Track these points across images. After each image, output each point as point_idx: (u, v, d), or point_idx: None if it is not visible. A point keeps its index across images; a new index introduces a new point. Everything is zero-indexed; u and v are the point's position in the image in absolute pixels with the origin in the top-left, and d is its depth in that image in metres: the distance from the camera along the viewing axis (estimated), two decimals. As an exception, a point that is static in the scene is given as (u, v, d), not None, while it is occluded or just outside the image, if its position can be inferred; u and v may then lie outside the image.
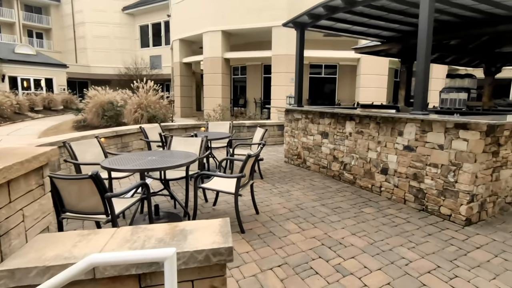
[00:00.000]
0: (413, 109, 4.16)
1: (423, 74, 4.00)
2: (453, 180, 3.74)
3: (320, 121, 5.77)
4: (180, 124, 7.87)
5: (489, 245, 3.19)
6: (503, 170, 3.98)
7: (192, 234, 1.71)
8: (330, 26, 6.54)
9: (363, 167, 4.94)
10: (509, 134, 3.93)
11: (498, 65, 10.22)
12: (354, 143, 5.09)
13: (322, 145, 5.75)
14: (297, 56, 6.26)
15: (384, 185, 4.61)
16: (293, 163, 6.58)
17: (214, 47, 15.19)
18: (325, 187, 5.00)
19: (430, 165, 3.99)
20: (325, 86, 18.54)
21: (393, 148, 4.46)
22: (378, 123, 4.65)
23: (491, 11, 5.45)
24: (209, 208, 3.98)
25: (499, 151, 3.87)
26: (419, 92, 4.07)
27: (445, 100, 7.81)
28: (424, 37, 3.96)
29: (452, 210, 3.77)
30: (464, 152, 3.62)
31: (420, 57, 4.03)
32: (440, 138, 3.86)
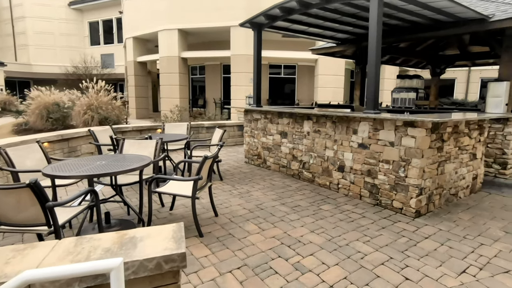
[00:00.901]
0: (366, 109, 4.37)
1: (374, 75, 4.22)
2: (404, 175, 3.98)
3: (279, 121, 5.86)
4: (134, 126, 7.57)
5: (436, 235, 3.44)
6: (447, 164, 4.31)
7: (142, 241, 1.64)
8: (287, 27, 6.67)
9: (321, 165, 5.10)
10: (451, 131, 4.27)
11: (442, 66, 11.09)
12: (312, 142, 5.23)
13: (282, 144, 5.85)
14: (255, 56, 6.30)
15: (341, 182, 4.79)
16: (254, 163, 6.61)
17: (170, 46, 14.83)
18: (285, 186, 5.08)
19: (383, 162, 4.21)
20: (285, 86, 18.89)
21: (348, 146, 4.65)
22: (334, 122, 4.82)
23: (433, 17, 5.89)
24: (166, 213, 3.87)
25: (443, 146, 4.19)
26: (370, 92, 4.28)
27: (397, 99, 8.32)
28: (374, 39, 4.18)
29: (403, 204, 4.01)
30: (413, 148, 3.86)
31: (371, 59, 4.24)
32: (391, 136, 4.09)
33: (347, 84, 20.13)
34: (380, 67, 4.29)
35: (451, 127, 4.24)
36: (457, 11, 5.43)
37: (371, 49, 4.22)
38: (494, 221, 3.87)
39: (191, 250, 2.95)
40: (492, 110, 6.11)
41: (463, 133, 4.52)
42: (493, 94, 6.12)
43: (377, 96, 4.31)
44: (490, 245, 3.24)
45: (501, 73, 6.11)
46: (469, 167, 4.80)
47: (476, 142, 4.88)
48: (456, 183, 4.56)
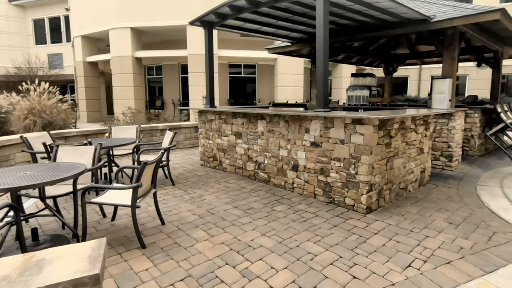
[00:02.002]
0: (316, 107, 4.39)
1: (323, 74, 4.25)
2: (354, 172, 4.04)
3: (233, 121, 5.75)
4: (80, 131, 7.10)
5: (385, 230, 3.51)
6: (395, 159, 4.45)
7: (51, 264, 1.45)
8: (239, 26, 6.59)
9: (276, 165, 5.06)
10: (398, 127, 4.41)
11: (394, 65, 11.61)
12: (266, 142, 5.18)
13: (237, 145, 5.75)
14: (207, 55, 6.15)
15: (296, 182, 4.78)
16: (209, 166, 6.45)
17: (122, 46, 14.19)
18: (240, 188, 4.99)
19: (334, 159, 4.25)
20: (246, 85, 18.86)
21: (301, 145, 4.65)
22: (287, 121, 4.81)
23: (381, 17, 6.10)
24: (107, 224, 3.61)
25: (391, 142, 4.31)
26: (320, 90, 4.31)
27: (351, 97, 8.54)
28: (321, 38, 4.20)
29: (354, 200, 4.07)
30: (361, 145, 3.93)
31: (319, 57, 4.26)
32: (341, 133, 4.13)
33: (307, 82, 20.52)
34: (328, 66, 4.33)
35: (398, 123, 4.38)
36: (401, 12, 5.65)
37: (319, 47, 4.24)
38: (440, 212, 4.04)
39: (131, 264, 2.75)
40: (437, 106, 6.44)
41: (409, 129, 4.70)
42: (438, 91, 6.46)
43: (327, 94, 4.34)
44: (434, 236, 3.36)
45: (444, 70, 6.46)
46: (417, 161, 5.00)
47: (423, 137, 5.10)
48: (405, 177, 4.72)
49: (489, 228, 3.57)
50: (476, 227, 3.60)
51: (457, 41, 6.30)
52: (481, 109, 7.64)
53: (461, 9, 6.10)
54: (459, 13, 5.79)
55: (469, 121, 7.56)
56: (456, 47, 6.31)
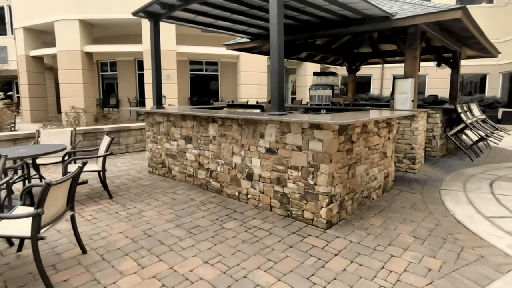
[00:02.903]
0: (271, 110, 3.93)
1: (277, 73, 3.80)
2: (313, 183, 3.63)
3: (183, 124, 5.17)
4: (6, 135, 6.17)
5: (347, 249, 3.12)
6: (357, 166, 4.11)
7: None
8: (191, 19, 6.01)
9: (229, 173, 4.56)
10: (360, 131, 4.06)
11: (357, 63, 11.50)
12: (218, 147, 4.66)
13: (187, 151, 5.18)
14: (153, 50, 5.51)
15: (251, 192, 4.31)
16: (158, 173, 5.82)
17: (70, 39, 13.01)
18: (188, 201, 4.43)
19: (291, 168, 3.82)
20: (208, 83, 18.20)
21: (256, 151, 4.18)
22: (240, 125, 4.32)
23: (342, 13, 5.77)
24: (12, 256, 2.92)
25: (353, 148, 3.96)
26: (275, 91, 3.86)
27: (314, 96, 8.24)
28: (275, 33, 3.74)
29: (314, 214, 3.66)
30: (320, 152, 3.52)
31: (273, 55, 3.81)
32: (298, 139, 3.71)
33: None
34: (283, 64, 3.89)
35: (360, 127, 4.04)
36: (362, 7, 5.35)
37: (273, 43, 3.78)
38: (404, 224, 3.74)
39: (24, 317, 2.13)
40: (399, 106, 6.25)
41: (372, 133, 4.38)
42: (400, 91, 6.27)
43: (282, 95, 3.90)
44: (400, 256, 3.01)
45: (406, 70, 6.28)
46: (380, 167, 4.71)
47: (386, 141, 4.82)
48: (368, 185, 4.40)
49: (457, 243, 3.30)
50: (443, 242, 3.32)
51: (418, 40, 6.13)
52: (442, 109, 7.61)
53: (422, 7, 5.93)
54: (421, 11, 5.60)
55: (431, 121, 7.49)
56: (417, 46, 6.14)
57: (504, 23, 17.60)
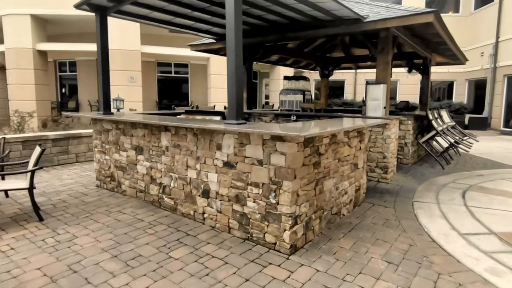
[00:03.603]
0: (228, 118, 3.49)
1: (235, 76, 3.35)
2: (275, 202, 3.21)
3: (133, 133, 4.62)
4: None
5: (311, 281, 2.71)
6: (326, 181, 3.73)
7: None
8: (145, 15, 5.47)
9: (183, 189, 4.05)
10: (329, 142, 3.70)
11: (330, 68, 11.33)
12: (171, 159, 4.15)
13: (138, 163, 4.62)
14: (99, 48, 4.93)
15: (207, 211, 3.83)
16: (106, 187, 5.21)
17: (20, 36, 12.00)
18: (134, 222, 3.87)
19: (251, 185, 3.38)
20: (177, 86, 17.53)
21: (213, 165, 3.71)
22: (195, 134, 3.83)
23: (311, 13, 5.45)
24: None
25: (321, 161, 3.58)
26: (231, 97, 3.41)
27: (284, 102, 7.88)
28: (232, 31, 3.31)
29: (276, 237, 3.24)
30: (283, 168, 3.11)
31: (230, 54, 3.37)
32: (259, 152, 3.28)
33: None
34: (242, 65, 3.46)
35: (328, 137, 3.67)
36: (331, 8, 5.04)
37: (229, 42, 3.34)
38: (376, 246, 3.39)
39: None
40: (372, 113, 6.00)
41: (342, 143, 4.03)
42: (372, 97, 6.02)
43: (240, 102, 3.46)
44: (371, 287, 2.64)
45: (378, 75, 6.05)
46: (351, 179, 4.38)
47: (357, 151, 4.50)
48: (338, 200, 4.04)
49: (433, 267, 2.98)
50: (419, 267, 2.99)
51: (390, 45, 5.93)
52: (414, 116, 7.48)
53: (394, 10, 5.72)
54: (392, 14, 5.38)
55: (403, 128, 7.33)
56: (389, 51, 5.93)
57: (469, 32, 18.20)
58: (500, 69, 16.14)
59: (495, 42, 16.39)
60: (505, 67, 15.78)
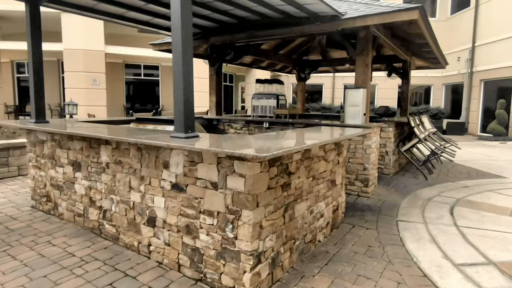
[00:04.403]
0: (174, 130, 2.82)
1: (182, 78, 2.70)
2: (232, 236, 2.56)
3: (70, 145, 3.86)
4: None
5: None
6: (297, 204, 3.12)
7: None
8: (91, 7, 4.75)
9: (126, 215, 3.34)
10: (301, 158, 3.09)
11: (307, 71, 10.84)
12: (112, 178, 3.43)
13: (76, 181, 3.86)
14: (29, 45, 4.15)
15: (154, 243, 3.13)
16: (42, 209, 4.40)
17: (-33, 32, 10.87)
18: (61, 258, 3.12)
19: (204, 213, 2.72)
20: (148, 89, 16.65)
21: (159, 187, 3.03)
22: (139, 148, 3.14)
23: (282, 8, 4.90)
24: None
25: (291, 181, 2.97)
26: (178, 103, 2.75)
27: (257, 107, 7.28)
28: (177, 19, 2.65)
29: (235, 280, 2.59)
30: (242, 193, 2.47)
31: (176, 52, 2.71)
32: (213, 173, 2.63)
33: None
34: (191, 64, 2.82)
35: (301, 152, 3.07)
36: (305, 2, 4.49)
37: (174, 33, 2.68)
38: (358, 285, 2.81)
39: None
40: (350, 120, 5.48)
41: (317, 158, 3.44)
42: (351, 103, 5.50)
43: (189, 109, 2.80)
44: None
45: (357, 79, 5.55)
46: (327, 199, 3.79)
47: (335, 165, 3.93)
48: (312, 225, 3.44)
49: (427, 317, 2.41)
50: (410, 316, 2.41)
51: (370, 46, 5.44)
52: (395, 123, 7.05)
53: (374, 6, 5.24)
54: (373, 11, 4.89)
55: (383, 135, 6.88)
56: (369, 52, 5.44)
57: (446, 37, 18.27)
58: (477, 74, 16.23)
59: (471, 47, 16.48)
60: (482, 72, 15.87)
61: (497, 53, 14.77)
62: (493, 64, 14.96)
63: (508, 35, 14.08)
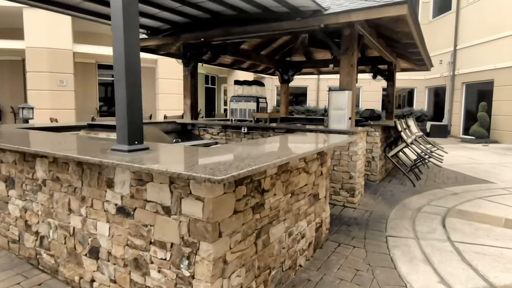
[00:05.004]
0: (117, 141, 2.28)
1: (125, 78, 2.17)
2: (189, 274, 2.04)
3: (2, 158, 3.25)
4: None
5: None
6: (273, 227, 2.63)
7: None
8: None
9: (66, 243, 2.76)
10: (277, 172, 2.60)
11: (290, 73, 10.42)
12: (49, 198, 2.84)
13: (9, 200, 3.25)
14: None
15: (98, 279, 2.56)
16: (-25, 233, 3.74)
17: None
18: (-19, 301, 2.52)
19: (156, 244, 2.19)
20: (124, 92, 15.84)
21: (102, 210, 2.47)
22: (80, 163, 2.57)
23: (261, 2, 4.45)
24: None
25: (264, 201, 2.47)
26: (120, 110, 2.21)
27: (235, 110, 6.77)
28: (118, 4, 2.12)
29: (193, 330, 2.06)
30: (200, 221, 1.95)
31: (117, 48, 2.18)
32: (165, 195, 2.10)
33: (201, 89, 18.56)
34: (138, 61, 2.30)
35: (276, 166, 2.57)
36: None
37: (115, 24, 2.16)
38: (345, 326, 2.33)
39: None
40: (335, 125, 5.05)
41: (297, 170, 2.96)
42: (336, 106, 5.07)
43: (137, 116, 2.27)
44: None
45: (342, 80, 5.13)
46: (310, 216, 3.32)
47: (318, 177, 3.46)
48: (292, 249, 2.95)
49: None
50: None
51: (355, 45, 5.04)
52: (382, 127, 6.68)
53: (359, 1, 4.83)
54: (358, 5, 4.49)
55: (369, 140, 6.49)
56: (354, 52, 5.03)
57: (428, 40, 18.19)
58: (459, 76, 16.24)
59: (453, 50, 16.50)
60: (463, 74, 15.88)
61: (478, 56, 14.80)
62: (474, 67, 14.97)
63: (488, 38, 14.11)
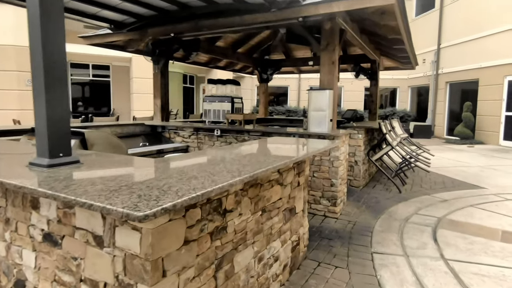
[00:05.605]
0: (37, 153, 1.85)
1: (42, 62, 1.75)
2: (126, 324, 1.63)
3: None
4: None
5: None
6: (239, 253, 2.25)
7: None
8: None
9: (-13, 277, 2.30)
10: (242, 187, 2.22)
11: (270, 72, 10.10)
12: (-32, 221, 2.37)
13: None
14: None
15: (24, 321, 2.13)
16: None
17: None
18: None
19: (86, 283, 1.77)
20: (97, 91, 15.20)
21: (28, 236, 2.04)
22: (1, 177, 2.12)
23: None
24: None
25: (227, 223, 2.09)
26: (40, 116, 1.79)
27: (209, 111, 6.37)
28: None
29: None
30: (138, 257, 1.56)
31: (34, 38, 1.76)
32: (97, 222, 1.69)
33: (179, 89, 18.03)
34: (64, 57, 1.88)
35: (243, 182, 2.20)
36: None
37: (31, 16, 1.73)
38: None
39: None
40: (315, 128, 4.73)
41: (268, 183, 2.60)
42: (316, 107, 4.75)
43: (64, 119, 1.85)
44: None
45: (323, 79, 4.82)
46: (285, 235, 2.96)
47: (294, 189, 3.11)
48: (262, 276, 2.58)
49: None
50: None
51: (337, 40, 4.74)
52: (365, 129, 6.42)
53: (341, -7, 4.52)
54: (339, -3, 4.17)
55: (352, 143, 6.21)
56: (336, 48, 4.73)
57: (412, 38, 18.36)
58: (442, 76, 16.33)
59: (436, 49, 16.58)
60: (447, 74, 15.97)
61: (462, 55, 14.88)
62: (458, 66, 15.06)
63: (473, 37, 14.20)
